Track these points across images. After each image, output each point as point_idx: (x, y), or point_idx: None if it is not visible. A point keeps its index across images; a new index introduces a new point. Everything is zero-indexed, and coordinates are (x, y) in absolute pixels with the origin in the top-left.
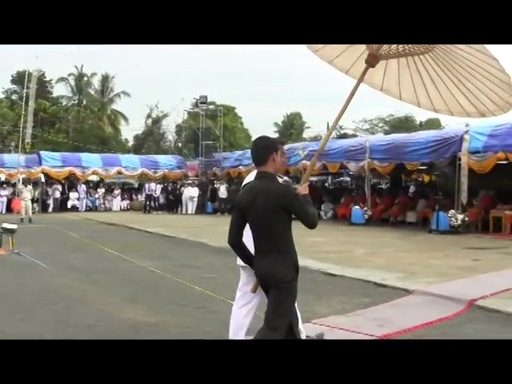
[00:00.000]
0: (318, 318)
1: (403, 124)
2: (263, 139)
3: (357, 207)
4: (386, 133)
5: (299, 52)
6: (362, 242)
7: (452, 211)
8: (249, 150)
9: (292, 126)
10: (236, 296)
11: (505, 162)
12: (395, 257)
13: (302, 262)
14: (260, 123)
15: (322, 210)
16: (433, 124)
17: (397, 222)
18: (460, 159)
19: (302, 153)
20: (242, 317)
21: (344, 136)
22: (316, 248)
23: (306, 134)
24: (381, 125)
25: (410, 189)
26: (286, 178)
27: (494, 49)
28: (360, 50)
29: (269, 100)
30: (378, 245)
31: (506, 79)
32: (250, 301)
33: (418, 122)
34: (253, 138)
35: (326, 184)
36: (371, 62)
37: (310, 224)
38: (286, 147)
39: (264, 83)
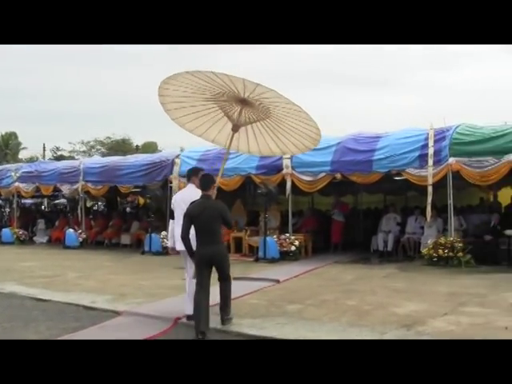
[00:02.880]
0: None
1: (120, 147)
2: (209, 175)
3: (71, 230)
4: (104, 155)
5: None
6: (74, 266)
7: (164, 233)
8: None
9: (7, 147)
10: (191, 282)
11: None
12: (106, 279)
13: (10, 288)
14: None
15: (35, 233)
16: (150, 147)
17: (112, 244)
18: (171, 182)
19: (14, 175)
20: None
21: (61, 158)
22: (27, 273)
23: (22, 155)
24: (98, 147)
25: (128, 211)
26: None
27: None
28: (209, 124)
29: None
30: (90, 268)
31: (316, 137)
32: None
33: (134, 146)
34: None
35: (43, 207)
36: (235, 129)
37: (230, 226)
38: None
39: None
